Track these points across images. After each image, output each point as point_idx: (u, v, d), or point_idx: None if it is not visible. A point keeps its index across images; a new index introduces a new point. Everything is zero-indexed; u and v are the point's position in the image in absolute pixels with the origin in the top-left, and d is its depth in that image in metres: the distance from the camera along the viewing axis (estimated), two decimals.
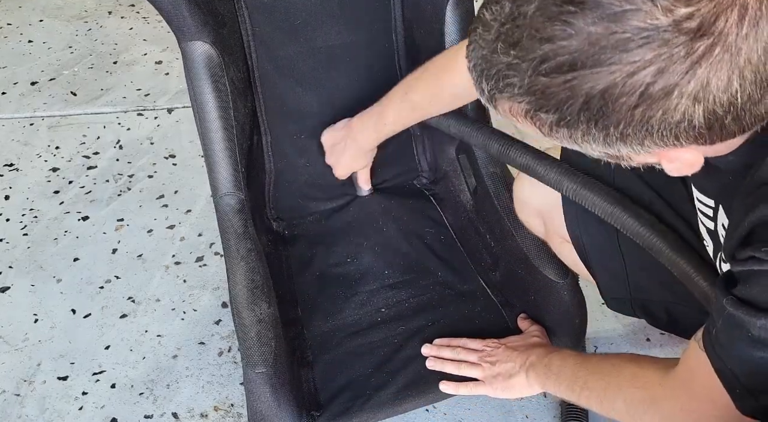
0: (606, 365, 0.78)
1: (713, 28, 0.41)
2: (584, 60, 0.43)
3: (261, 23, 1.09)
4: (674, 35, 0.41)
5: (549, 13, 0.43)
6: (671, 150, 0.47)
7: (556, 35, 0.43)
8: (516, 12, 0.45)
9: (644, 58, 0.42)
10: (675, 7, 0.41)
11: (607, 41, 0.42)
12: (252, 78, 1.12)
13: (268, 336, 0.86)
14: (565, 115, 0.46)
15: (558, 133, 0.48)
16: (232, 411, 1.09)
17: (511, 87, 0.46)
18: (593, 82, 0.43)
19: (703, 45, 0.41)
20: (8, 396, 1.12)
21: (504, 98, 0.48)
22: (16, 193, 1.53)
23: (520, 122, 0.50)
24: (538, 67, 0.44)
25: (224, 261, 0.94)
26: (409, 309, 1.06)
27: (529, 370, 0.89)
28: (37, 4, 2.29)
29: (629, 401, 0.71)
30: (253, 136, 1.10)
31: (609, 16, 0.41)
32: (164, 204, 1.49)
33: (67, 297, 1.28)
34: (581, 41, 0.42)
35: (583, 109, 0.45)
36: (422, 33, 1.10)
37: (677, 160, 0.50)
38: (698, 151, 0.49)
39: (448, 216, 1.21)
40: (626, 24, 0.41)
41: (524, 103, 0.47)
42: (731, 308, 0.54)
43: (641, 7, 0.41)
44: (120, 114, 1.78)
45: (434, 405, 1.08)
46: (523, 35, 0.44)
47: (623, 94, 0.43)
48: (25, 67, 1.97)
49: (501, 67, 0.46)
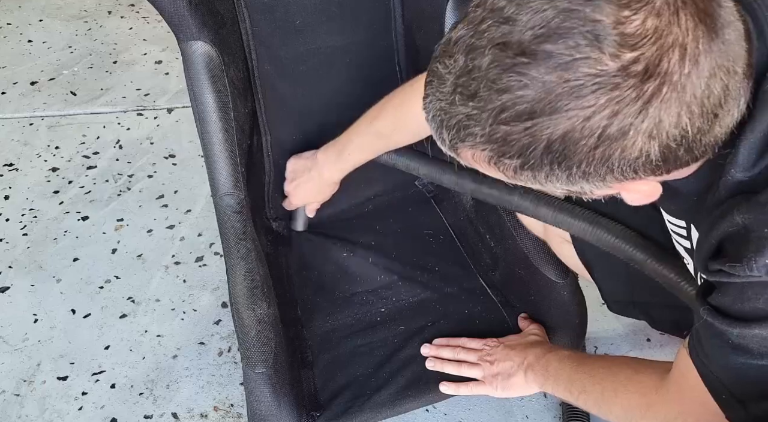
0: (603, 368, 0.79)
1: (658, 69, 0.43)
2: (542, 108, 0.44)
3: (261, 23, 1.09)
4: (624, 79, 0.43)
5: (503, 66, 0.44)
6: (630, 183, 0.49)
7: (513, 86, 0.44)
8: (470, 65, 0.46)
9: (598, 103, 0.43)
10: (621, 52, 0.42)
11: (561, 89, 0.43)
12: (252, 78, 1.12)
13: (268, 336, 0.86)
14: (529, 159, 0.47)
15: (522, 175, 0.49)
16: (232, 411, 1.09)
17: (473, 136, 0.47)
18: (553, 127, 0.45)
19: (652, 86, 0.43)
20: (8, 396, 1.12)
21: (466, 146, 0.49)
22: (15, 193, 1.52)
23: (483, 168, 0.51)
24: (498, 116, 0.45)
25: (224, 261, 0.94)
26: (408, 309, 1.06)
27: (528, 370, 0.89)
28: (37, 4, 2.29)
29: (626, 406, 0.72)
30: (253, 136, 1.10)
31: (560, 65, 0.43)
32: (164, 204, 1.49)
33: (66, 297, 1.28)
34: (537, 90, 0.44)
35: (546, 153, 0.46)
36: (422, 33, 1.10)
37: (636, 191, 0.52)
38: (656, 181, 0.51)
39: (448, 216, 1.21)
40: (577, 72, 0.43)
41: (487, 151, 0.48)
42: (709, 317, 0.55)
43: (590, 55, 0.43)
44: (120, 114, 1.78)
45: (434, 405, 1.08)
46: (480, 87, 0.45)
47: (582, 137, 0.45)
48: (24, 67, 1.97)
49: (461, 118, 0.47)
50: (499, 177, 0.52)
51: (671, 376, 0.67)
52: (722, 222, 0.52)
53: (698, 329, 0.59)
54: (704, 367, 0.59)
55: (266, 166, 1.19)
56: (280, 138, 1.18)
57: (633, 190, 0.52)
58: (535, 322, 1.00)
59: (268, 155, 1.18)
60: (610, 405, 0.74)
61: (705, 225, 0.55)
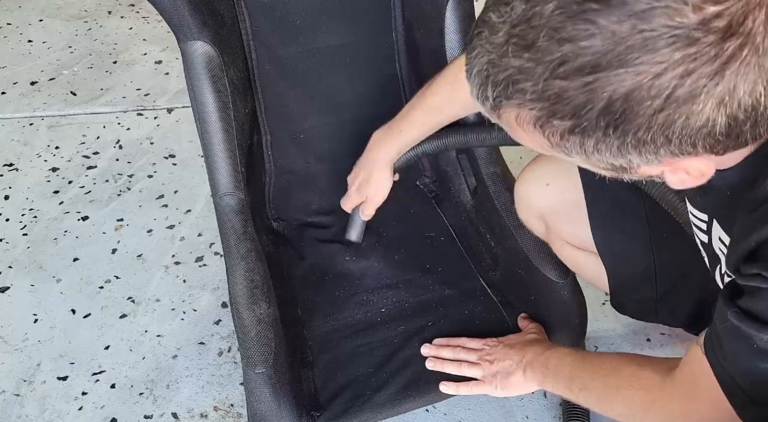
0: (604, 365, 0.78)
1: (742, 28, 0.39)
2: (608, 61, 0.40)
3: (261, 23, 1.09)
4: (703, 34, 0.39)
5: (569, 12, 0.40)
6: (684, 159, 0.46)
7: (578, 35, 0.40)
8: (530, 12, 0.42)
9: (672, 59, 0.40)
10: (704, 5, 0.39)
11: (633, 40, 0.40)
12: (252, 78, 1.12)
13: (268, 336, 0.86)
14: (582, 122, 0.43)
15: (569, 142, 0.46)
16: (232, 411, 1.09)
17: (522, 93, 0.44)
18: (617, 84, 0.41)
19: (733, 45, 0.39)
20: (8, 396, 1.12)
21: (511, 105, 0.45)
22: (15, 193, 1.52)
23: (526, 131, 0.47)
24: (556, 70, 0.42)
25: (224, 261, 0.94)
26: (409, 309, 1.06)
27: (527, 368, 0.89)
28: (37, 4, 2.29)
29: (629, 403, 0.71)
30: (253, 136, 1.10)
31: (636, 13, 0.39)
32: (164, 204, 1.49)
33: (66, 297, 1.28)
34: (605, 41, 0.40)
35: (603, 114, 0.42)
36: (422, 33, 1.10)
37: (687, 170, 0.48)
38: (710, 160, 0.47)
39: (448, 216, 1.21)
40: (653, 22, 0.39)
41: (536, 110, 0.44)
42: (736, 320, 0.53)
43: (669, 4, 0.39)
44: (120, 114, 1.78)
45: (434, 405, 1.08)
46: (539, 36, 0.42)
47: (648, 97, 0.41)
48: (24, 67, 1.97)
49: (511, 72, 0.44)
50: (538, 144, 0.48)
51: (679, 374, 0.66)
52: (765, 226, 0.49)
53: (719, 331, 0.57)
54: (722, 369, 0.58)
55: (266, 165, 1.19)
56: (280, 138, 1.18)
57: (684, 168, 0.48)
58: (535, 322, 1.00)
59: (268, 155, 1.18)
60: (612, 402, 0.73)
61: (742, 223, 0.53)
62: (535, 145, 0.50)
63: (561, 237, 0.94)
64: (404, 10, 1.14)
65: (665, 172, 0.49)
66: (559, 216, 0.92)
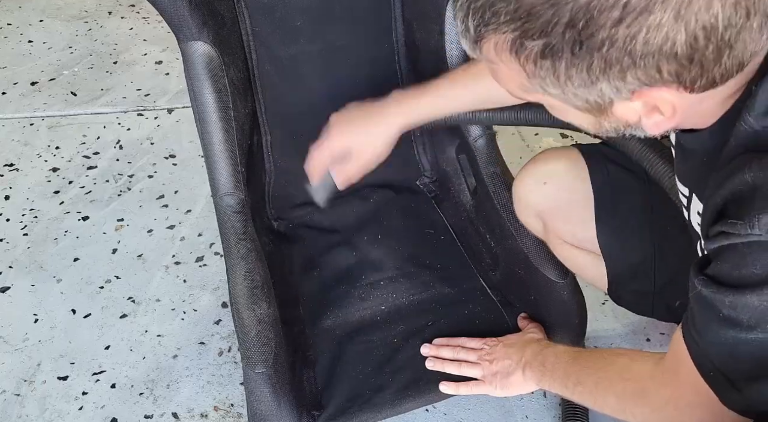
0: (597, 360, 0.78)
1: None
2: None
3: (261, 23, 1.09)
4: None
5: None
6: (653, 90, 0.47)
7: None
8: None
9: None
10: None
11: None
12: (252, 78, 1.12)
13: (268, 336, 0.86)
14: (551, 39, 0.46)
15: (542, 69, 0.48)
16: (232, 411, 1.09)
17: (497, 16, 0.47)
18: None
19: None
20: (8, 396, 1.12)
21: (490, 33, 0.48)
22: (16, 193, 1.53)
23: (503, 64, 0.50)
24: None
25: (224, 261, 0.94)
26: (409, 308, 1.06)
27: (526, 367, 0.89)
28: (37, 4, 2.29)
29: (620, 395, 0.71)
30: (253, 136, 1.10)
31: None
32: (164, 204, 1.49)
33: (67, 297, 1.28)
34: None
35: (569, 28, 0.45)
36: (422, 33, 1.10)
37: (659, 106, 0.49)
38: (682, 95, 0.48)
39: (448, 216, 1.21)
40: None
41: (509, 32, 0.47)
42: (702, 287, 0.53)
43: None
44: (120, 114, 1.78)
45: (434, 405, 1.08)
46: None
47: (606, 6, 0.43)
48: (25, 67, 1.97)
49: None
50: (517, 83, 0.51)
51: (665, 360, 0.66)
52: (730, 181, 0.50)
53: (692, 307, 0.57)
54: (695, 345, 0.57)
55: (266, 165, 1.19)
56: (280, 138, 1.18)
57: (656, 104, 0.49)
58: (534, 322, 1.00)
59: (268, 155, 1.18)
60: (605, 395, 0.73)
61: (712, 186, 0.53)
62: (514, 84, 0.52)
63: (558, 235, 0.94)
64: (404, 10, 1.14)
65: (642, 117, 0.51)
66: (556, 215, 0.92)
